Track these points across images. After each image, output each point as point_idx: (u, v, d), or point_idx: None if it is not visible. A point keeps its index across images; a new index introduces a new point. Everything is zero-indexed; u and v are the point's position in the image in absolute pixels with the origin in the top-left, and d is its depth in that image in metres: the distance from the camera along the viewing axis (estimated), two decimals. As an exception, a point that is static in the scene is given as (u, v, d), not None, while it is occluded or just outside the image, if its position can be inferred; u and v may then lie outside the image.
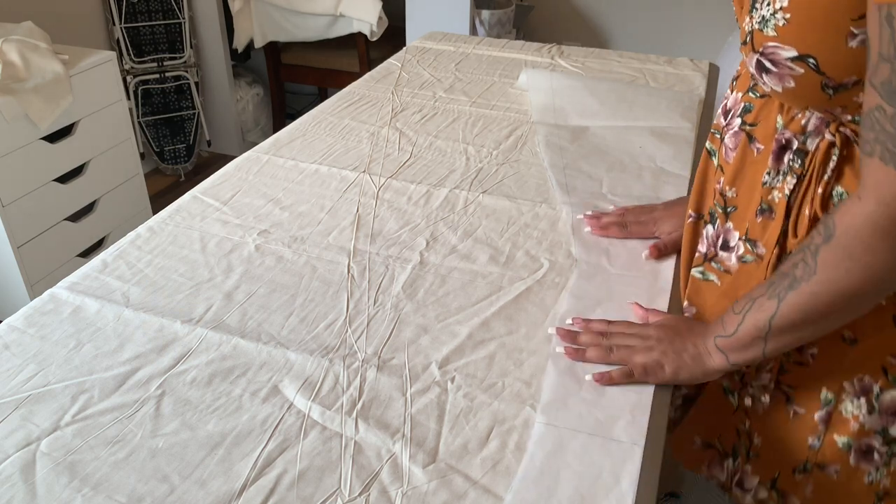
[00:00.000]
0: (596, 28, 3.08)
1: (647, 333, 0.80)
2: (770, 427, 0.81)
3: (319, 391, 0.75)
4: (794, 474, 0.80)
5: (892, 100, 0.56)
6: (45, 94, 1.83)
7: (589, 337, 0.81)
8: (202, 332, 0.83)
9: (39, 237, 1.91)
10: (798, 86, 0.67)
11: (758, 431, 0.83)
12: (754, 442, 0.83)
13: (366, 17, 2.63)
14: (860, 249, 0.61)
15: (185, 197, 1.11)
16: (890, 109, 0.56)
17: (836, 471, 0.78)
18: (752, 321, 0.71)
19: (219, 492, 0.65)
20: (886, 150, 0.57)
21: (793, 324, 0.68)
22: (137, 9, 2.62)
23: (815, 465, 0.79)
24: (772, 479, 0.82)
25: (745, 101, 0.78)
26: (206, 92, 2.98)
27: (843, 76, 0.64)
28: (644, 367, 0.77)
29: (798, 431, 0.79)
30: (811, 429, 0.78)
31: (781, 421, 0.80)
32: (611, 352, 0.79)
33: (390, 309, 0.88)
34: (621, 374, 0.77)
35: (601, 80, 1.53)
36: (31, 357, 0.79)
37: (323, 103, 1.46)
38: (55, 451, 0.68)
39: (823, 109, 0.69)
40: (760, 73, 0.70)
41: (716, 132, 0.84)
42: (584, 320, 0.84)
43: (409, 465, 0.67)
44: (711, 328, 0.76)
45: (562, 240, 1.02)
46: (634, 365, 0.77)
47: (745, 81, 0.80)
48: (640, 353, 0.78)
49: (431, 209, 1.09)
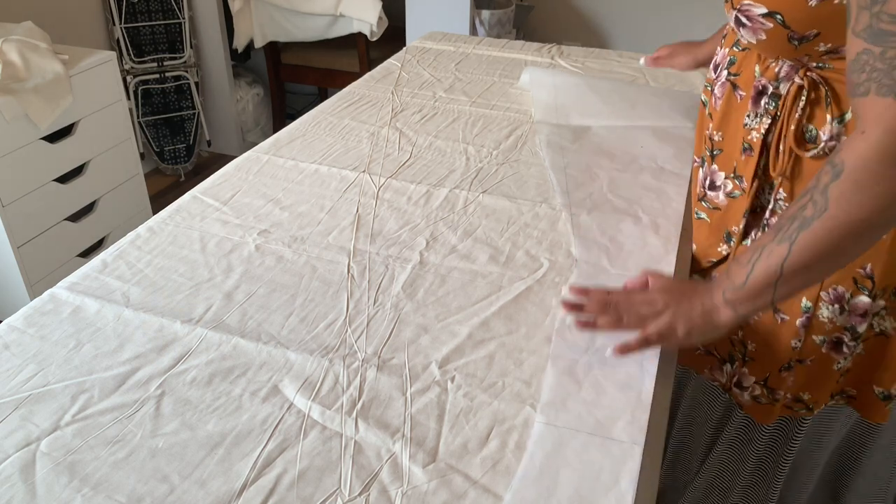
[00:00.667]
0: (596, 28, 3.08)
1: (654, 298, 0.80)
2: (760, 333, 0.93)
3: (319, 391, 0.75)
4: (780, 373, 0.94)
5: (876, 41, 0.63)
6: (45, 94, 1.83)
7: (595, 306, 0.81)
8: (202, 332, 0.83)
9: (39, 237, 1.91)
10: (769, 38, 0.79)
11: (750, 338, 0.95)
12: (748, 348, 0.96)
13: (366, 17, 2.63)
14: (870, 180, 0.64)
15: (185, 197, 1.11)
16: (877, 49, 0.63)
17: (811, 360, 0.92)
18: (763, 268, 0.72)
19: (219, 492, 0.64)
20: (882, 85, 0.63)
21: (806, 264, 0.70)
22: (137, 9, 2.62)
23: (797, 361, 0.93)
24: (764, 378, 0.96)
25: (731, 55, 0.91)
26: (206, 92, 2.98)
27: (806, 29, 0.76)
28: (658, 333, 0.78)
29: (783, 336, 0.91)
30: (793, 333, 0.91)
31: (770, 327, 0.92)
32: (621, 320, 0.79)
33: (390, 309, 0.88)
34: (639, 343, 0.78)
35: (602, 80, 1.53)
36: (31, 357, 0.79)
37: (323, 103, 1.46)
38: (55, 451, 0.68)
39: (792, 58, 0.81)
40: (738, 27, 0.83)
41: (708, 85, 0.96)
42: (582, 289, 0.83)
43: (409, 464, 0.67)
44: (717, 284, 0.78)
45: (562, 239, 1.02)
46: (649, 333, 0.78)
47: (731, 39, 0.91)
48: (652, 320, 0.79)
49: (431, 209, 1.09)
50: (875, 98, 0.64)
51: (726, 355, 1.00)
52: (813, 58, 0.79)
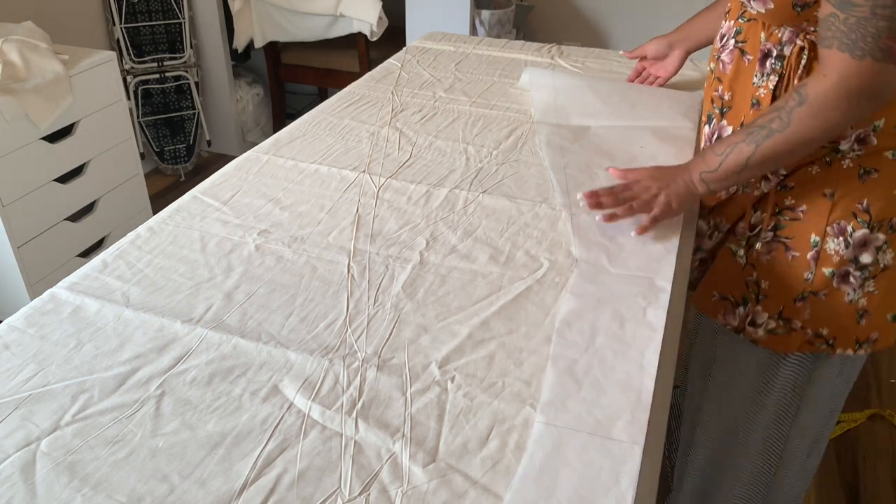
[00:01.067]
0: (596, 28, 3.08)
1: (648, 185, 1.01)
2: (774, 271, 1.06)
3: (319, 391, 0.75)
4: (794, 303, 1.05)
5: (842, 8, 0.82)
6: (46, 94, 1.83)
7: (609, 199, 1.01)
8: (202, 332, 0.83)
9: (39, 237, 1.91)
10: (776, 7, 0.94)
11: (764, 277, 1.07)
12: (762, 286, 1.07)
13: (366, 17, 2.63)
14: (825, 109, 0.87)
15: (185, 197, 1.11)
16: (842, 15, 0.83)
17: (825, 294, 1.03)
18: (733, 160, 0.95)
19: (219, 491, 0.65)
20: (843, 43, 0.84)
21: (763, 162, 0.94)
22: (137, 9, 2.63)
23: (810, 293, 1.04)
24: (778, 311, 1.06)
25: (736, 26, 1.05)
26: (206, 92, 2.98)
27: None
28: (661, 211, 0.99)
29: (796, 270, 1.04)
30: (805, 266, 1.03)
31: (782, 265, 1.05)
32: (632, 208, 1.00)
33: (390, 309, 0.88)
34: (651, 220, 0.99)
35: (602, 80, 1.53)
36: (31, 357, 0.79)
37: (323, 103, 1.46)
38: (55, 451, 0.68)
39: (794, 24, 0.96)
40: (749, 0, 0.98)
41: (715, 54, 1.11)
42: (594, 192, 1.02)
43: (408, 464, 0.68)
44: (694, 165, 1.01)
45: (562, 239, 1.02)
46: (655, 212, 0.99)
47: (735, 12, 1.06)
48: (653, 199, 1.00)
49: (431, 209, 1.09)
50: (836, 52, 0.85)
51: (740, 299, 1.10)
52: (811, 23, 0.93)
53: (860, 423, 1.85)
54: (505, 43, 1.82)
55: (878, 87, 0.84)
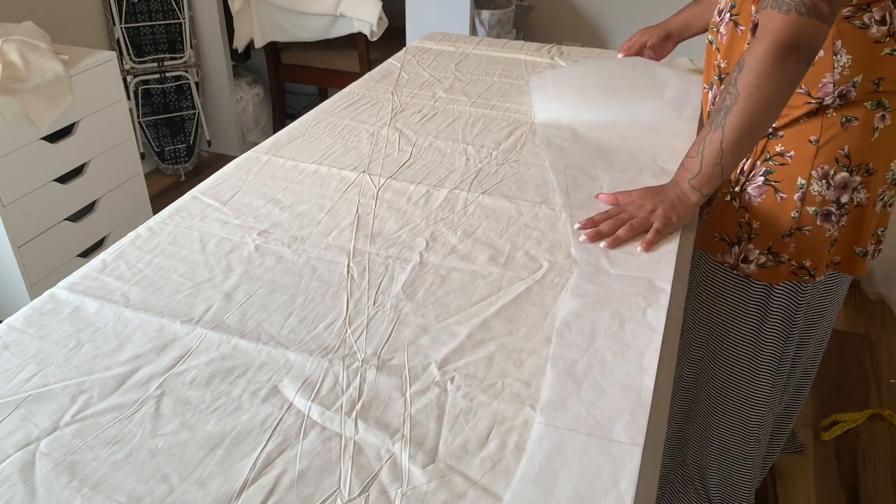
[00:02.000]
0: (596, 28, 3.08)
1: (643, 203, 1.03)
2: (764, 212, 1.14)
3: (319, 391, 0.75)
4: (783, 238, 1.14)
5: None
6: (46, 94, 1.83)
7: (608, 224, 1.01)
8: (202, 332, 0.83)
9: (39, 237, 1.91)
10: None
11: (755, 218, 1.15)
12: (753, 226, 1.16)
13: (366, 17, 2.63)
14: (763, 70, 0.93)
15: (185, 197, 1.11)
16: None
17: (809, 230, 1.13)
18: (709, 153, 1.00)
19: (218, 492, 0.65)
20: (781, 4, 0.91)
21: (737, 141, 0.98)
22: (137, 9, 2.63)
23: (796, 229, 1.13)
24: (768, 247, 1.16)
25: (731, 1, 1.13)
26: (206, 92, 2.98)
27: None
28: (662, 225, 1.00)
29: (784, 210, 1.13)
30: (792, 206, 1.12)
31: (772, 206, 1.14)
32: (633, 227, 1.00)
33: (390, 309, 0.88)
34: (654, 233, 1.00)
35: (602, 65, 1.53)
36: (31, 357, 0.79)
37: (323, 103, 1.46)
38: (55, 451, 0.68)
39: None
40: None
41: (714, 27, 1.20)
42: (590, 220, 1.03)
43: (408, 465, 0.68)
44: (679, 177, 1.05)
45: (561, 240, 1.02)
46: (656, 226, 1.00)
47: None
48: (651, 214, 1.01)
49: (431, 209, 1.09)
50: (771, 12, 0.92)
51: (735, 238, 1.19)
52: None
53: (860, 423, 1.85)
54: (505, 43, 1.82)
55: (805, 41, 0.91)
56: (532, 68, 1.66)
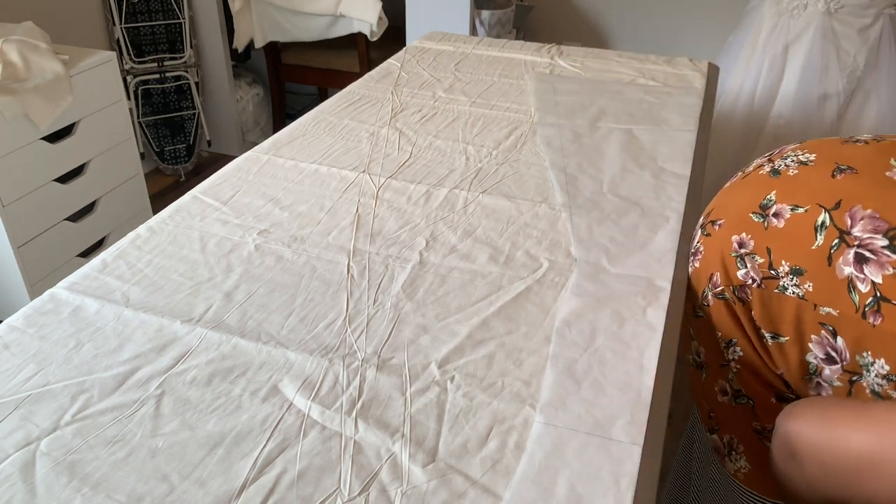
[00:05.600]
0: (596, 28, 3.08)
1: None
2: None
3: (319, 391, 0.75)
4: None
5: None
6: (46, 94, 1.83)
7: None
8: (202, 332, 0.83)
9: (39, 237, 1.91)
10: None
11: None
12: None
13: (366, 17, 2.63)
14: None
15: (185, 197, 1.11)
16: None
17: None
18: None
19: (218, 491, 0.65)
20: None
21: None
22: (137, 9, 2.62)
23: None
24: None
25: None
26: (206, 92, 2.98)
27: None
28: None
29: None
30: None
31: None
32: None
33: (390, 308, 0.88)
34: None
35: (602, 81, 1.53)
36: (31, 357, 0.79)
37: (323, 103, 1.46)
38: (55, 451, 0.68)
39: None
40: None
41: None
42: None
43: (408, 464, 0.68)
44: None
45: (561, 239, 1.02)
46: None
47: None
48: None
49: (431, 209, 1.09)
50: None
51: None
52: None
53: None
54: (505, 43, 1.82)
55: None
56: (532, 68, 1.66)
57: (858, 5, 1.85)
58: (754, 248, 0.85)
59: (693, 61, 1.68)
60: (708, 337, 0.94)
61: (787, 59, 1.96)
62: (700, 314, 0.94)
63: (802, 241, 0.81)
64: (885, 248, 0.75)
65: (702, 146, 1.31)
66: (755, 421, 0.91)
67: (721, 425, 0.96)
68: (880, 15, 1.86)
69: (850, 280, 0.77)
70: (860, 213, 0.79)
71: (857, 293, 0.76)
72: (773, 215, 0.85)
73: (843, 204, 0.80)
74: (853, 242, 0.78)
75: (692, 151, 1.26)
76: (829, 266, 0.78)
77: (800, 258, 0.81)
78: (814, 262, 0.80)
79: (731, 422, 0.94)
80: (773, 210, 0.86)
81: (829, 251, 0.79)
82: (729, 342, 0.90)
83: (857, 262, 0.77)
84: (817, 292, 0.79)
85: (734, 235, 0.88)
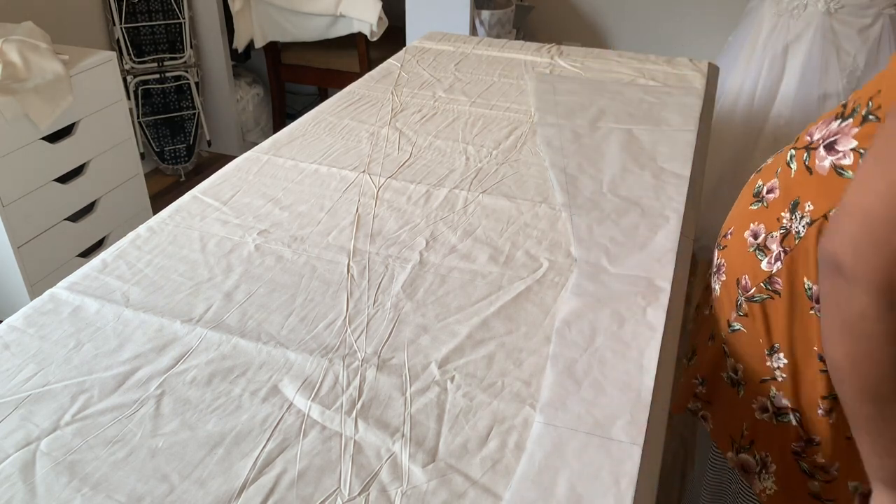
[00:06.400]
0: (596, 28, 3.08)
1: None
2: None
3: (319, 391, 0.75)
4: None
5: None
6: (46, 94, 1.83)
7: None
8: (202, 332, 0.83)
9: (39, 237, 1.91)
10: None
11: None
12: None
13: (366, 17, 2.63)
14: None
15: (185, 197, 1.11)
16: None
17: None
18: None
19: (218, 491, 0.65)
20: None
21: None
22: (137, 9, 2.62)
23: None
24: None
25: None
26: (206, 92, 2.98)
27: None
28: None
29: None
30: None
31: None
32: None
33: (390, 309, 0.88)
34: None
35: (602, 81, 1.53)
36: (31, 357, 0.79)
37: (323, 103, 1.46)
38: (55, 451, 0.68)
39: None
40: None
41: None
42: None
43: (408, 464, 0.68)
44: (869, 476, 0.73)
45: (561, 239, 1.02)
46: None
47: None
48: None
49: (431, 209, 1.09)
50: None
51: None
52: None
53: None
54: (505, 43, 1.82)
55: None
56: (532, 68, 1.66)
57: (858, 5, 1.85)
58: (767, 229, 0.89)
59: (693, 61, 1.68)
60: (747, 350, 0.92)
61: (787, 59, 1.96)
62: (735, 327, 0.93)
63: (786, 183, 0.88)
64: (842, 125, 0.84)
65: (702, 146, 1.31)
66: (796, 441, 0.90)
67: (757, 442, 0.94)
68: (880, 15, 1.86)
69: (834, 168, 0.81)
70: (814, 131, 0.87)
71: (848, 170, 0.80)
72: (767, 192, 0.91)
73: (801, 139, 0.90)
74: (818, 144, 0.85)
75: (692, 151, 1.26)
76: (810, 176, 0.84)
77: (791, 196, 0.86)
78: (800, 185, 0.85)
79: (769, 440, 0.92)
80: (765, 189, 0.92)
81: (803, 164, 0.85)
82: (772, 349, 0.89)
83: (827, 149, 0.82)
84: (816, 208, 0.83)
85: (745, 232, 0.92)
